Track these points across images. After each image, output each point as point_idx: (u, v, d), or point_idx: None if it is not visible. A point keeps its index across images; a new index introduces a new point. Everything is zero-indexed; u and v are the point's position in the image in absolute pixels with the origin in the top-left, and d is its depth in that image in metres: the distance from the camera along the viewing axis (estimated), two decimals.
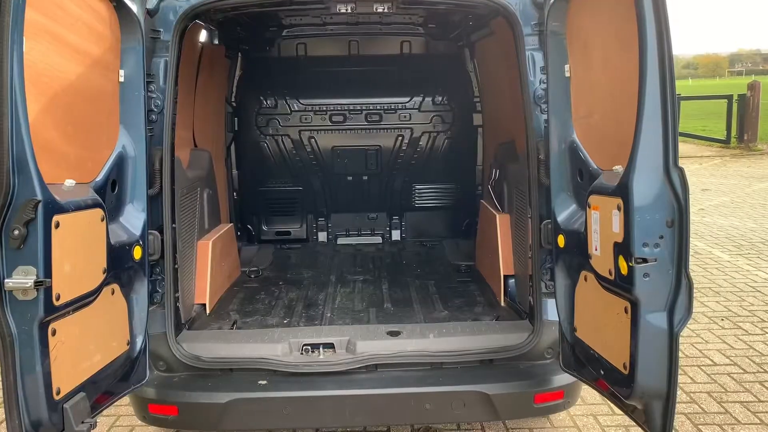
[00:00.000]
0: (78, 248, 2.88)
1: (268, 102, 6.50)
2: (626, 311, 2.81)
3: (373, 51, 6.52)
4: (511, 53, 4.01)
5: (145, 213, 3.51)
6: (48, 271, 2.63)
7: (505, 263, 4.59)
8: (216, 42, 5.30)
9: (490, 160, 5.65)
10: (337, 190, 6.73)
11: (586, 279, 3.29)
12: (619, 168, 2.99)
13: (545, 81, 3.70)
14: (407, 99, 6.50)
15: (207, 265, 4.55)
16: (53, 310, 2.70)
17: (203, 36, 4.96)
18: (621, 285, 2.83)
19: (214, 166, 5.31)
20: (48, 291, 2.64)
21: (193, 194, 4.51)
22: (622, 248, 2.77)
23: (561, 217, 3.51)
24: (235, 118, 6.31)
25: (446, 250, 6.20)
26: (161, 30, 3.73)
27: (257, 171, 6.57)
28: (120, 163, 3.42)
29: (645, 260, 2.66)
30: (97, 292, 3.06)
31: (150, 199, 3.57)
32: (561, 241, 3.51)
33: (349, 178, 6.67)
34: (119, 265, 3.29)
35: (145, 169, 3.52)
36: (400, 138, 6.56)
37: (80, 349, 2.96)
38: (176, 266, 3.83)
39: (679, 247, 2.65)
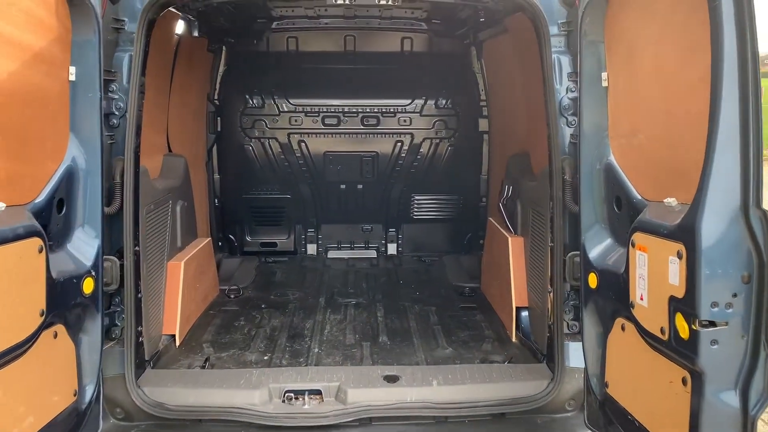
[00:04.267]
0: (5, 289, 2.33)
1: (255, 101, 5.98)
2: (684, 383, 2.30)
3: (371, 48, 6.05)
4: (526, 54, 3.54)
5: (99, 237, 3.08)
6: None
7: (517, 293, 4.11)
8: (196, 34, 4.75)
9: (500, 173, 5.15)
10: (328, 199, 6.24)
11: (623, 328, 2.79)
12: (672, 201, 2.48)
13: (573, 89, 3.33)
14: (408, 101, 6.01)
15: (178, 290, 4.03)
16: None
17: (180, 27, 4.41)
18: (678, 350, 2.33)
19: (191, 172, 4.78)
20: None
21: (164, 209, 3.98)
22: (683, 305, 2.26)
23: (593, 253, 3.03)
24: (218, 118, 5.79)
25: (447, 268, 5.75)
26: (125, 20, 3.35)
27: (241, 176, 6.08)
28: (69, 179, 2.96)
29: (713, 324, 2.17)
30: (31, 339, 2.55)
31: (108, 219, 3.16)
32: (593, 280, 3.00)
33: (342, 186, 6.20)
34: (64, 303, 2.81)
35: (101, 185, 3.06)
36: (399, 144, 6.08)
37: (5, 415, 2.40)
38: (139, 296, 3.39)
39: (758, 308, 2.16)
